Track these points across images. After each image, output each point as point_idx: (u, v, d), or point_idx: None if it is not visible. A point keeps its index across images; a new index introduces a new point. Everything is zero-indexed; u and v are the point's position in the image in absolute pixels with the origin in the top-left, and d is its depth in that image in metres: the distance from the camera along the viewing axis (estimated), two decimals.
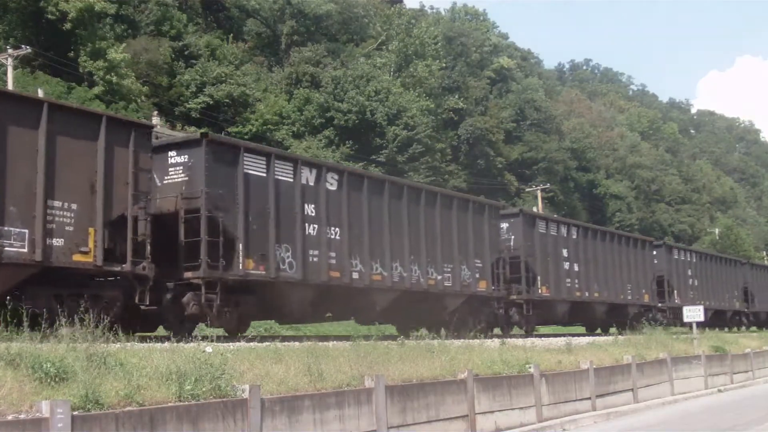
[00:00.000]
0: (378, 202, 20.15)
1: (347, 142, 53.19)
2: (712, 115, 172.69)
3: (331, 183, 18.90)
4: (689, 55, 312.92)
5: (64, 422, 7.88)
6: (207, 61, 51.69)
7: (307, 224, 17.94)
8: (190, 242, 15.51)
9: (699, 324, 31.81)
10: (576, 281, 29.04)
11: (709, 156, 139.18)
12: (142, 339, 13.28)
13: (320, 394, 11.33)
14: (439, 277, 21.87)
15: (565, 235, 28.96)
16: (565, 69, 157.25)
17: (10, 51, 37.18)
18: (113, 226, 13.98)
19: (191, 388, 9.49)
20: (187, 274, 15.50)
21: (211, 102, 49.50)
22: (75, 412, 8.11)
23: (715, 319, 40.88)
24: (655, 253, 35.14)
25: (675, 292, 36.02)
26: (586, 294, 29.61)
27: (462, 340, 18.57)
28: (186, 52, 51.96)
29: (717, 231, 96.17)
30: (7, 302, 12.23)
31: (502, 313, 25.37)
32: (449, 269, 22.33)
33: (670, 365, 24.10)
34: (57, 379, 8.65)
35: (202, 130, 17.28)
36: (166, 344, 11.12)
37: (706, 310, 37.55)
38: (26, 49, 37.96)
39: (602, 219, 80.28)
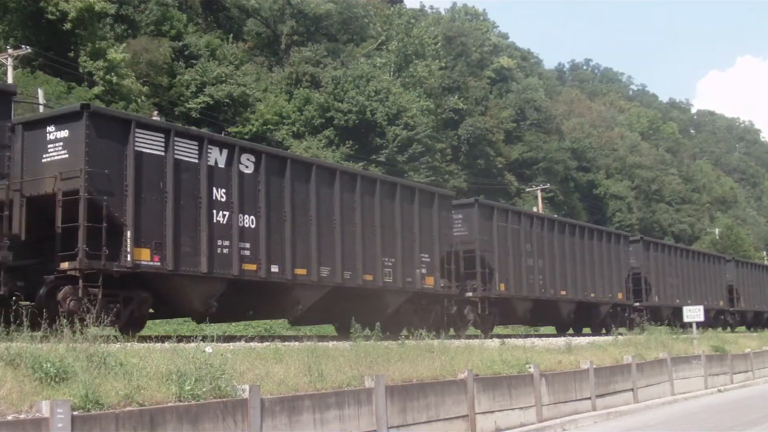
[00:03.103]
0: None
1: (347, 142, 53.19)
2: (712, 115, 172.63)
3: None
4: (689, 55, 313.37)
5: (64, 422, 7.88)
6: (207, 61, 51.67)
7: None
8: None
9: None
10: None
11: (709, 156, 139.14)
12: (142, 339, 13.29)
13: (320, 394, 11.33)
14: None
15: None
16: (565, 69, 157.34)
17: (10, 51, 37.13)
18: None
19: (191, 388, 9.49)
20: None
21: (211, 102, 49.47)
22: (75, 412, 8.11)
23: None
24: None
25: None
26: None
27: (462, 340, 18.59)
28: (186, 52, 51.95)
29: (717, 231, 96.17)
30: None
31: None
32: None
33: (670, 365, 24.10)
34: (57, 379, 8.65)
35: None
36: (167, 344, 11.13)
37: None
38: (26, 49, 37.91)
39: (602, 219, 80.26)
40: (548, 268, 27.48)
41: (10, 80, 35.36)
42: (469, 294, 23.89)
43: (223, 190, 16.13)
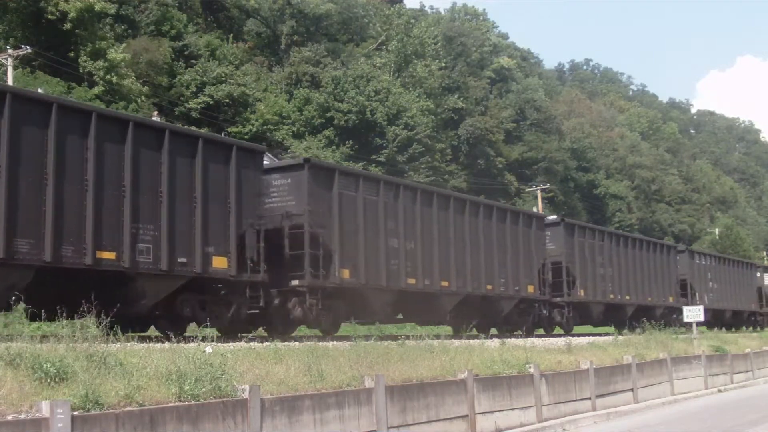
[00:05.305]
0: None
1: (347, 142, 53.22)
2: (712, 115, 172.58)
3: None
4: (689, 55, 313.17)
5: (64, 422, 7.88)
6: (207, 61, 51.66)
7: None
8: None
9: None
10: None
11: (709, 156, 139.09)
12: (142, 339, 13.29)
13: (320, 394, 11.33)
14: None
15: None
16: (565, 69, 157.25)
17: (10, 51, 37.14)
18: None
19: (191, 388, 9.49)
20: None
21: (211, 102, 49.47)
22: (75, 412, 8.11)
23: None
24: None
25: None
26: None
27: (462, 340, 18.57)
28: (186, 52, 51.93)
29: (717, 231, 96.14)
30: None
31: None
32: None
33: (670, 365, 24.10)
34: (57, 379, 8.65)
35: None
36: (166, 344, 11.11)
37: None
38: (26, 49, 37.93)
39: (602, 219, 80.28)
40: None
41: (10, 80, 35.39)
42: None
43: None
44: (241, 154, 16.97)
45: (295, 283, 18.04)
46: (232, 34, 60.55)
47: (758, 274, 49.48)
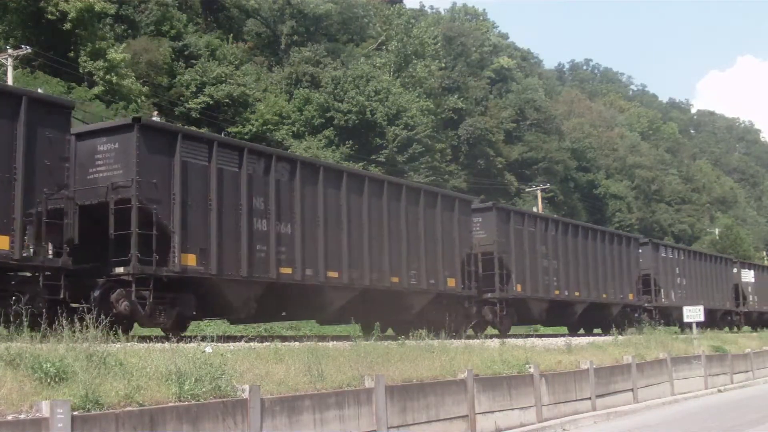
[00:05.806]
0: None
1: (347, 142, 53.21)
2: (712, 115, 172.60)
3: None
4: (689, 55, 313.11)
5: (64, 422, 7.88)
6: (207, 61, 51.68)
7: None
8: None
9: None
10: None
11: (709, 156, 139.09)
12: (142, 339, 13.30)
13: (320, 394, 11.33)
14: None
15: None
16: (565, 69, 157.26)
17: (10, 51, 37.14)
18: None
19: (191, 388, 9.49)
20: None
21: (211, 102, 49.47)
22: (75, 412, 8.11)
23: None
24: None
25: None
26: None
27: (461, 340, 18.59)
28: (186, 52, 51.95)
29: (717, 231, 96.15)
30: None
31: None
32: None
33: (670, 365, 24.10)
34: (57, 379, 8.65)
35: None
36: (166, 344, 11.12)
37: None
38: (26, 49, 37.93)
39: (602, 219, 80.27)
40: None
41: (10, 80, 35.38)
42: None
43: None
44: (36, 109, 13.39)
45: (119, 270, 14.71)
46: (232, 34, 60.57)
47: (735, 270, 45.63)
